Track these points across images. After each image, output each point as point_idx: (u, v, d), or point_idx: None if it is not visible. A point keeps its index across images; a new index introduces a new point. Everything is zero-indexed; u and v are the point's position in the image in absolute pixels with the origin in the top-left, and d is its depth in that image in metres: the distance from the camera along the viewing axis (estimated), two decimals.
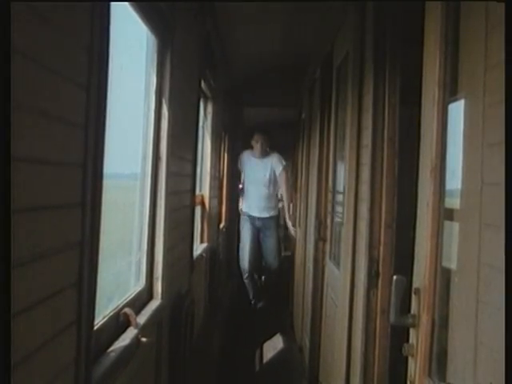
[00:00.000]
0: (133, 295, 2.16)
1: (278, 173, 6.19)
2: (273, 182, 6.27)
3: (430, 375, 1.32)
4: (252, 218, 6.30)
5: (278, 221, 6.73)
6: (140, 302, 2.24)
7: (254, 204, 6.29)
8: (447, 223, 1.35)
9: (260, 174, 6.23)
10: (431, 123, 1.36)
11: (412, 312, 1.45)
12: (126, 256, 2.42)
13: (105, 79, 1.43)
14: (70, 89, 1.25)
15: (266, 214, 6.27)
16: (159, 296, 2.42)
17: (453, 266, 1.28)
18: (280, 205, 6.90)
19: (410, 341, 1.47)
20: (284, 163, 6.30)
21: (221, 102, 5.16)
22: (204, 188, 4.87)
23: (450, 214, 1.35)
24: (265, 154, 6.26)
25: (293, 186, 7.09)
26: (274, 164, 6.21)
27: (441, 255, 1.32)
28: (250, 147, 6.40)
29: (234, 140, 6.91)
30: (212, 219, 5.01)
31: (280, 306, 6.58)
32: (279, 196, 6.72)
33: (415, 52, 1.59)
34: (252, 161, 6.32)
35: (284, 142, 8.09)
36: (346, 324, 2.63)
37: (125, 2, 1.90)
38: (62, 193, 1.23)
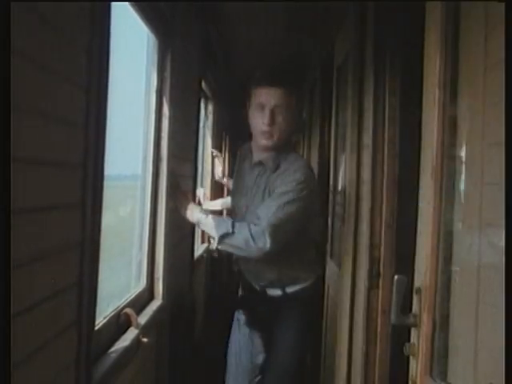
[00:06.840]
0: (134, 295, 2.16)
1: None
2: None
3: (431, 375, 1.32)
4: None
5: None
6: (141, 302, 2.24)
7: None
8: None
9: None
10: (432, 124, 1.36)
11: (413, 312, 1.45)
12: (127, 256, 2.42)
13: (105, 79, 1.43)
14: (71, 89, 1.25)
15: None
16: (160, 296, 2.42)
17: (454, 265, 1.28)
18: None
19: (412, 340, 1.47)
20: None
21: (221, 101, 5.15)
22: (205, 188, 4.88)
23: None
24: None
25: None
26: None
27: (442, 255, 1.32)
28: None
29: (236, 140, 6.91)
30: None
31: None
32: None
33: (415, 52, 1.59)
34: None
35: None
36: (347, 324, 2.63)
37: (125, 2, 1.90)
38: (63, 193, 1.23)
